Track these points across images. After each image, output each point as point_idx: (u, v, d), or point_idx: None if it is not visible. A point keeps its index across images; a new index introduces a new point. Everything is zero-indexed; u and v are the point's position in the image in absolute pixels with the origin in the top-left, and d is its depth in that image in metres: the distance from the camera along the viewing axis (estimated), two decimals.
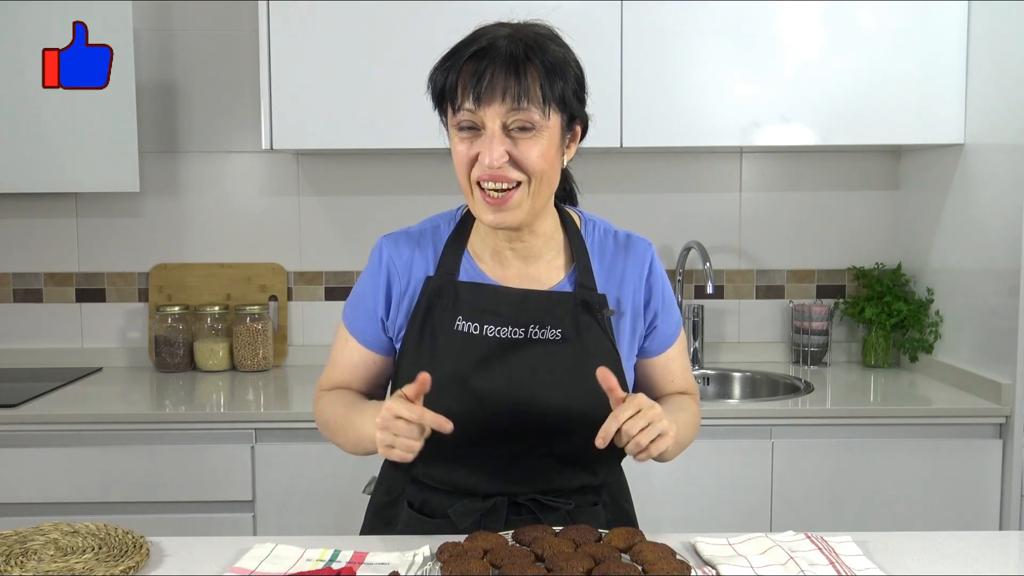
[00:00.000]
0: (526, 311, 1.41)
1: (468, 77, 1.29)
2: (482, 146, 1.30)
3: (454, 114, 1.33)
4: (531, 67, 1.30)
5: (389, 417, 1.25)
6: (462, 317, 1.41)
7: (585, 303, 1.42)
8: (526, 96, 1.29)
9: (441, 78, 1.34)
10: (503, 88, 1.28)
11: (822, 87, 2.52)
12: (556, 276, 1.45)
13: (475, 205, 1.36)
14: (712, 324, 2.94)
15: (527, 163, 1.31)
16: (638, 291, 1.47)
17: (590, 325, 1.42)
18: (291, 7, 2.48)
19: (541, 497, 1.43)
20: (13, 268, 2.90)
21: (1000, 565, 1.34)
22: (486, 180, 1.31)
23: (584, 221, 1.51)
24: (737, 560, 1.31)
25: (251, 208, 2.92)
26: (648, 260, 1.48)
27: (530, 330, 1.40)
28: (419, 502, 1.47)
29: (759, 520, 2.34)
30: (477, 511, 1.42)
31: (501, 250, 1.44)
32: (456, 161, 1.35)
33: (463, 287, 1.42)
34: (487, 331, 1.40)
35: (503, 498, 1.42)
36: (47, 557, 1.30)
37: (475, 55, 1.30)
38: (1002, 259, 2.36)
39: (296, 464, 2.33)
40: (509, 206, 1.33)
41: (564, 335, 1.41)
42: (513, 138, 1.30)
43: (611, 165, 2.90)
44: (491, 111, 1.29)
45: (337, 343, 1.54)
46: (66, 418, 2.33)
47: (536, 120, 1.30)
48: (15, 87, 2.56)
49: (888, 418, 2.36)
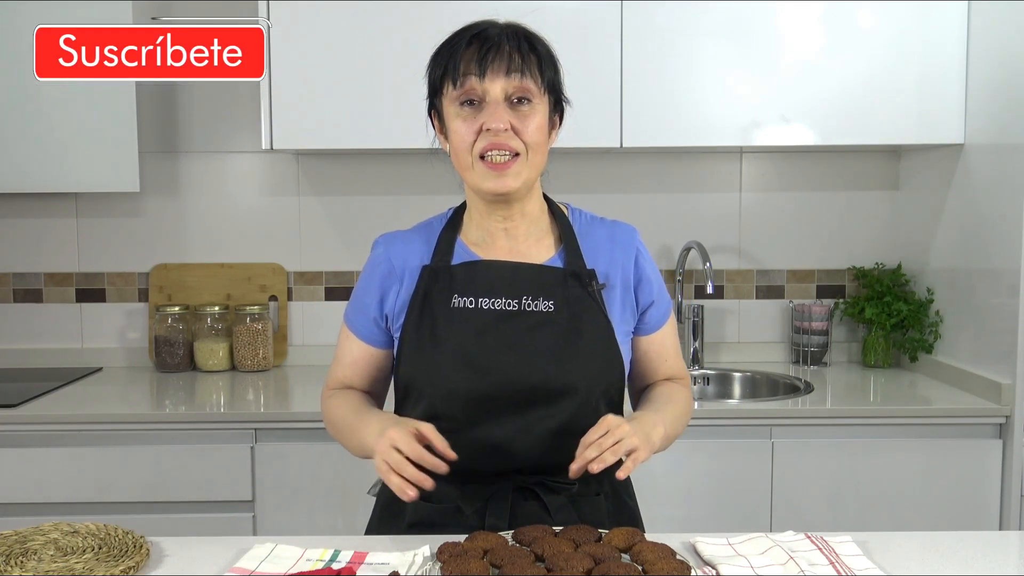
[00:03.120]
0: (518, 283, 1.47)
1: (474, 53, 1.40)
2: (486, 116, 1.40)
3: (455, 89, 1.41)
4: (530, 49, 1.43)
5: (387, 446, 1.32)
6: (458, 294, 1.47)
7: (575, 275, 1.48)
8: (527, 69, 1.41)
9: (445, 57, 1.43)
10: (508, 61, 1.40)
11: (822, 87, 2.52)
12: (546, 253, 1.52)
13: (476, 177, 1.43)
14: (712, 324, 2.94)
15: (526, 133, 1.41)
16: (627, 269, 1.53)
17: (581, 297, 1.48)
18: (291, 7, 2.48)
19: (546, 479, 1.45)
20: (13, 268, 2.90)
21: (1000, 565, 1.34)
22: (490, 149, 1.40)
23: (571, 210, 1.59)
24: (737, 560, 1.31)
25: (251, 208, 2.92)
26: (635, 243, 1.56)
27: (523, 302, 1.46)
28: (426, 492, 1.48)
29: (759, 520, 2.34)
30: (483, 496, 1.44)
31: (493, 232, 1.51)
32: (457, 139, 1.43)
33: (457, 268, 1.49)
34: (482, 303, 1.46)
35: (508, 482, 1.45)
36: (47, 557, 1.30)
37: (477, 36, 1.42)
38: (1002, 259, 2.36)
39: (296, 464, 2.33)
40: (509, 172, 1.41)
41: (556, 306, 1.46)
42: (513, 109, 1.41)
43: (611, 165, 2.90)
44: (496, 82, 1.40)
45: (340, 341, 1.60)
46: (66, 418, 2.33)
47: (534, 92, 1.42)
48: (15, 87, 2.56)
49: (888, 418, 2.36)
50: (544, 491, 1.45)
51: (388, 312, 1.52)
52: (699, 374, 2.85)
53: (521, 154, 1.41)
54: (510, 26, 1.45)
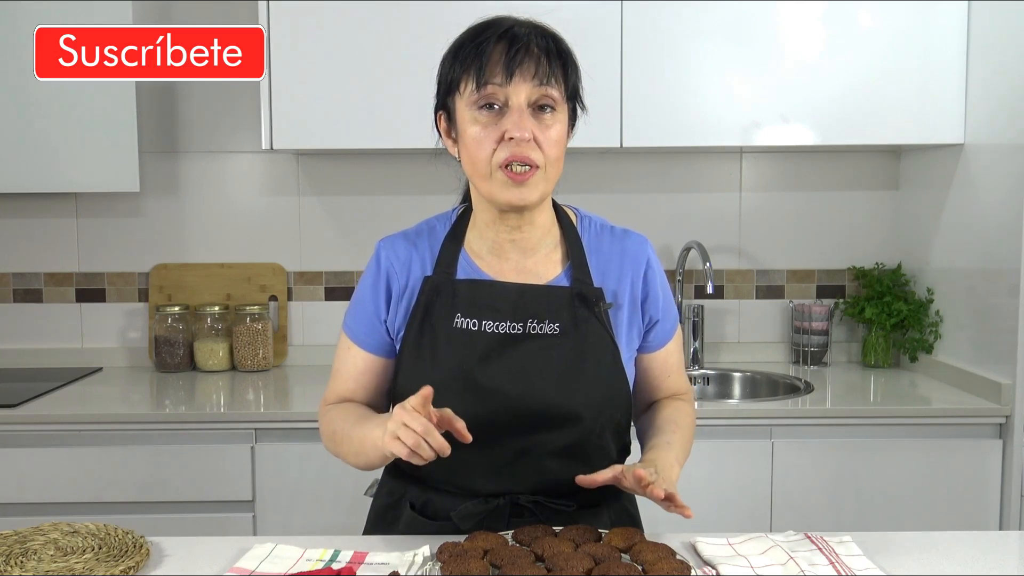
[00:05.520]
0: (523, 306, 1.41)
1: (501, 53, 1.33)
2: (509, 123, 1.33)
3: (477, 91, 1.34)
4: (557, 53, 1.37)
5: (399, 424, 1.26)
6: (460, 314, 1.41)
7: (582, 296, 1.42)
8: (554, 76, 1.35)
9: (469, 55, 1.35)
10: (536, 65, 1.33)
11: (822, 87, 2.52)
12: (553, 270, 1.46)
13: (494, 186, 1.36)
14: (712, 324, 2.94)
15: (547, 144, 1.35)
16: (636, 285, 1.47)
17: (588, 319, 1.42)
18: (291, 7, 2.48)
19: (544, 499, 1.42)
20: (13, 268, 2.90)
21: (1000, 565, 1.34)
22: (512, 161, 1.33)
23: (580, 217, 1.52)
24: (737, 560, 1.31)
25: (251, 208, 2.92)
26: (646, 256, 1.49)
27: (528, 324, 1.41)
28: (421, 504, 1.47)
29: (759, 520, 2.34)
30: (480, 513, 1.41)
31: (501, 243, 1.45)
32: (474, 145, 1.36)
33: (460, 284, 1.43)
34: (485, 327, 1.40)
35: (505, 500, 1.42)
36: (47, 557, 1.30)
37: (505, 34, 1.35)
38: (1002, 259, 2.36)
39: (296, 464, 2.33)
40: (529, 184, 1.35)
41: (563, 329, 1.41)
42: (535, 117, 1.35)
43: (611, 165, 2.90)
44: (521, 87, 1.33)
45: (340, 353, 1.53)
46: (66, 418, 2.33)
47: (557, 100, 1.36)
48: (15, 87, 2.56)
49: (888, 418, 2.36)
50: (541, 511, 1.42)
51: (390, 319, 1.47)
52: (699, 374, 2.85)
53: (541, 167, 1.35)
54: (536, 26, 1.38)
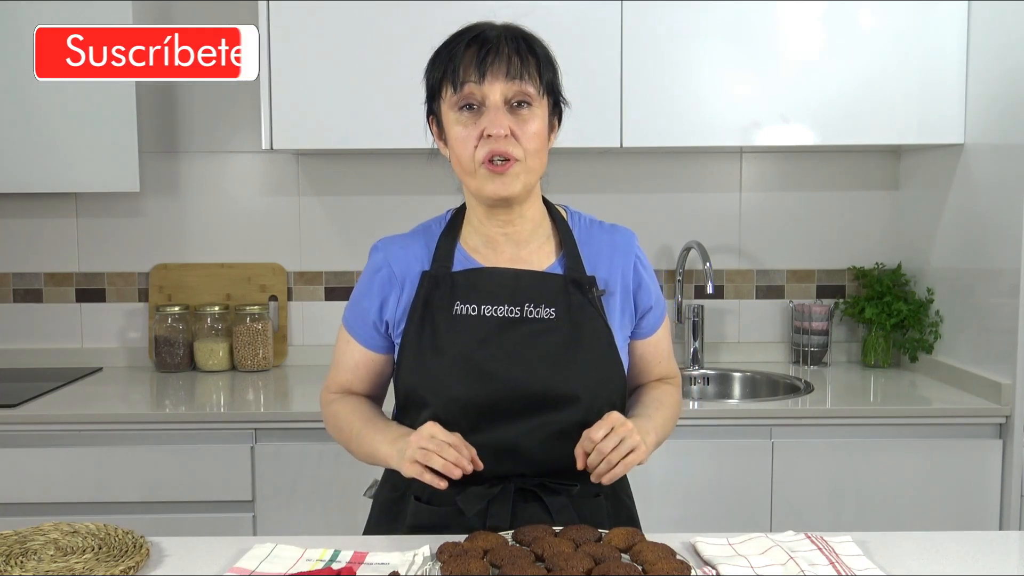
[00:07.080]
0: (520, 291, 1.47)
1: (472, 56, 1.40)
2: (486, 121, 1.39)
3: (455, 92, 1.41)
4: (528, 51, 1.42)
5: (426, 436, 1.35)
6: (459, 301, 1.47)
7: (575, 282, 1.48)
8: (527, 72, 1.40)
9: (443, 61, 1.43)
10: (507, 64, 1.39)
11: (822, 87, 2.52)
12: (547, 260, 1.52)
13: (478, 181, 1.43)
14: (712, 324, 2.94)
15: (525, 138, 1.40)
16: (627, 275, 1.54)
17: (582, 304, 1.48)
18: (291, 7, 2.48)
19: (547, 480, 1.45)
20: (13, 268, 2.90)
21: (1000, 565, 1.34)
22: (492, 156, 1.39)
23: (570, 213, 1.59)
24: (737, 560, 1.31)
25: (251, 208, 2.92)
26: (634, 248, 1.57)
27: (525, 309, 1.46)
28: (427, 495, 1.48)
29: (759, 520, 2.34)
30: (484, 498, 1.44)
31: (494, 237, 1.50)
32: (458, 144, 1.42)
33: (458, 275, 1.49)
34: (484, 311, 1.46)
35: (509, 484, 1.45)
36: (47, 557, 1.30)
37: (476, 39, 1.41)
38: (1002, 259, 2.36)
39: (296, 464, 2.33)
40: (510, 175, 1.41)
41: (558, 314, 1.47)
42: (512, 114, 1.40)
43: (611, 165, 2.90)
44: (495, 85, 1.39)
45: (339, 345, 1.59)
46: (66, 418, 2.33)
47: (533, 95, 1.41)
48: (15, 87, 2.56)
49: (888, 418, 2.36)
50: (545, 492, 1.45)
51: (388, 319, 1.52)
52: (699, 374, 2.85)
53: (520, 160, 1.41)
54: (508, 28, 1.44)
